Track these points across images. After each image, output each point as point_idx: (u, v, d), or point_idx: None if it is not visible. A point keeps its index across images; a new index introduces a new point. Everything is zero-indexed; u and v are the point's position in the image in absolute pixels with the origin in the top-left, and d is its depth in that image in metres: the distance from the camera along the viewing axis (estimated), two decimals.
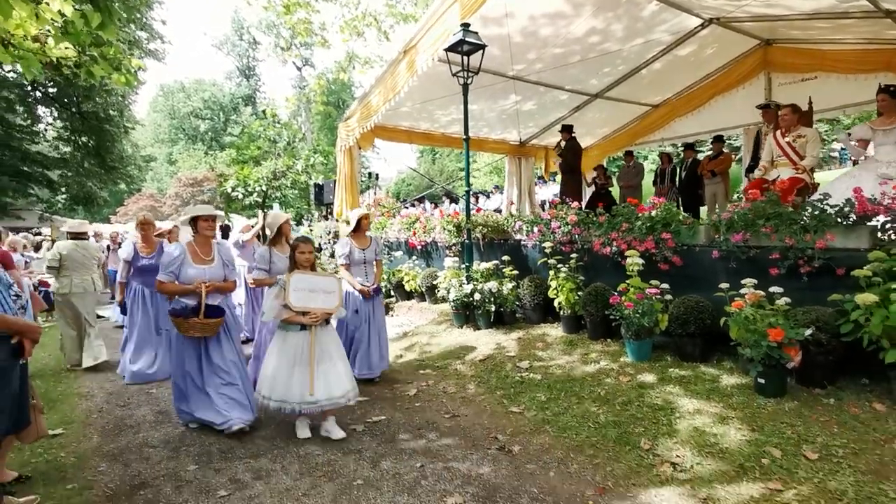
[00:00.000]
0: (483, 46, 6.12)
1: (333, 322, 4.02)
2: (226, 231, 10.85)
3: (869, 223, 3.84)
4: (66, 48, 4.12)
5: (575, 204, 6.57)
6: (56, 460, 3.53)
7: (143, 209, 34.79)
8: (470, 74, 6.35)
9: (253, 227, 7.12)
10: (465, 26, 5.99)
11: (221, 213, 6.01)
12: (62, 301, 5.97)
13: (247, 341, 6.25)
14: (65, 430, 4.05)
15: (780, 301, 3.75)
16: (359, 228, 4.94)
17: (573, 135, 9.20)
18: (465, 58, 6.21)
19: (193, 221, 4.03)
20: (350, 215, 5.11)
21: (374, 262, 5.09)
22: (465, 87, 6.42)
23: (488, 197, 16.44)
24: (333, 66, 13.21)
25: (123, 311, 5.49)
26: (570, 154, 9.09)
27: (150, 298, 5.64)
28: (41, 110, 18.82)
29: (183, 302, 3.89)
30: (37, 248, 13.07)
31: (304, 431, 3.78)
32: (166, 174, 44.37)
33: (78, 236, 6.26)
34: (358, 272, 4.92)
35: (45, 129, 19.67)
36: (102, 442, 3.82)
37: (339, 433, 3.71)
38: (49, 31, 3.93)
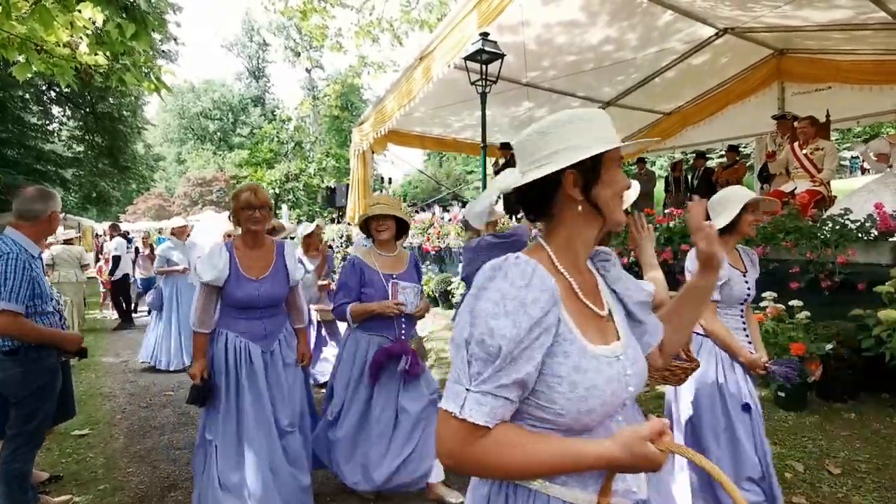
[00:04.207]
0: (502, 56, 6.19)
1: None
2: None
3: (891, 239, 3.87)
4: (97, 55, 4.20)
5: None
6: (85, 461, 3.60)
7: (151, 208, 35.14)
8: (488, 83, 6.42)
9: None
10: (484, 35, 6.05)
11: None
12: (56, 288, 7.31)
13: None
14: (91, 431, 4.13)
15: (801, 315, 3.79)
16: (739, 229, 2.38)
17: (511, 152, 9.40)
18: (484, 66, 6.27)
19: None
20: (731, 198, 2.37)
21: None
22: (484, 96, 6.50)
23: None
24: (346, 71, 13.31)
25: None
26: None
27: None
28: (55, 110, 19.08)
29: None
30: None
31: None
32: (175, 173, 44.67)
33: (67, 242, 8.23)
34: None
35: (59, 129, 19.90)
36: (129, 443, 3.89)
37: None
38: (82, 38, 4.01)
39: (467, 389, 0.92)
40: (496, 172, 9.61)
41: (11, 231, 2.54)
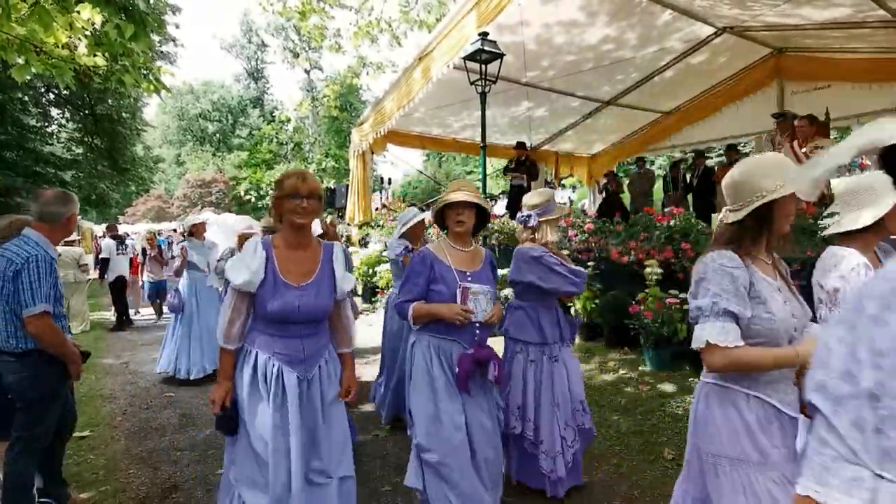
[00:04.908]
0: (501, 55, 6.19)
1: None
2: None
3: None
4: (96, 57, 4.21)
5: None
6: (86, 462, 3.59)
7: (150, 210, 35.13)
8: (488, 83, 6.42)
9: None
10: (484, 35, 6.05)
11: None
12: None
13: None
14: (92, 433, 4.11)
15: None
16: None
17: (527, 151, 9.81)
18: (484, 66, 6.28)
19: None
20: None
21: None
22: (483, 96, 6.50)
23: (495, 202, 16.53)
24: (345, 71, 13.31)
25: None
26: (533, 168, 9.80)
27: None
28: (54, 112, 19.06)
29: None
30: None
31: None
32: (174, 175, 44.67)
33: (68, 242, 8.12)
34: None
35: (58, 131, 19.88)
36: (130, 445, 3.89)
37: None
38: (81, 39, 4.01)
39: (877, 475, 0.54)
40: (505, 171, 9.69)
41: (32, 232, 2.58)
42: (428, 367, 2.41)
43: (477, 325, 2.41)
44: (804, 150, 5.56)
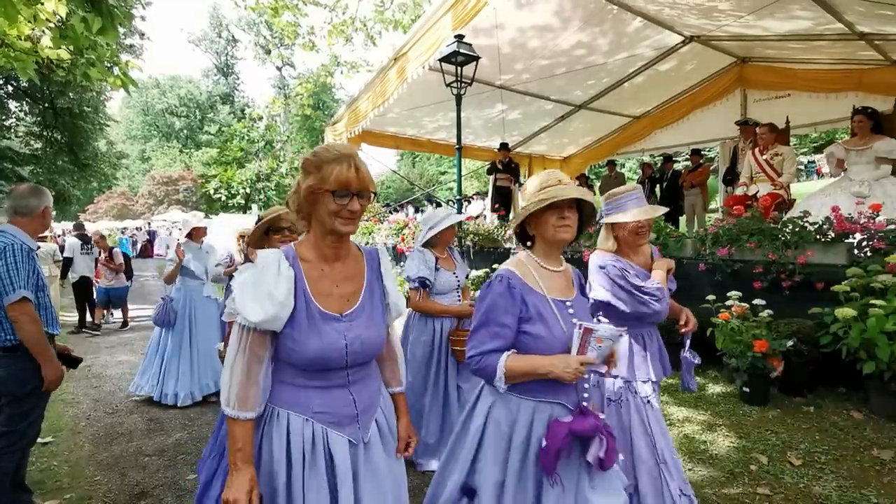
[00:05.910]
0: (477, 58, 6.24)
1: None
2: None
3: (846, 240, 4.06)
4: (60, 49, 4.06)
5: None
6: (50, 469, 3.47)
7: (113, 207, 33.99)
8: (463, 85, 6.46)
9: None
10: (460, 37, 6.09)
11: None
12: None
13: None
14: (54, 439, 3.97)
15: (764, 313, 3.95)
16: None
17: (510, 153, 10.18)
18: (459, 68, 6.31)
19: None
20: None
21: None
22: (459, 98, 6.53)
23: (469, 202, 16.64)
24: (318, 70, 13.18)
25: None
26: (516, 170, 10.22)
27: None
28: (12, 104, 18.22)
29: None
30: None
31: None
32: (138, 172, 43.34)
33: (41, 238, 7.47)
34: None
35: (16, 125, 19.03)
36: (95, 450, 3.77)
37: None
38: (44, 31, 3.88)
39: None
40: (489, 172, 9.87)
41: (8, 226, 2.59)
42: (508, 441, 1.64)
43: (586, 379, 1.70)
44: (765, 156, 5.78)
